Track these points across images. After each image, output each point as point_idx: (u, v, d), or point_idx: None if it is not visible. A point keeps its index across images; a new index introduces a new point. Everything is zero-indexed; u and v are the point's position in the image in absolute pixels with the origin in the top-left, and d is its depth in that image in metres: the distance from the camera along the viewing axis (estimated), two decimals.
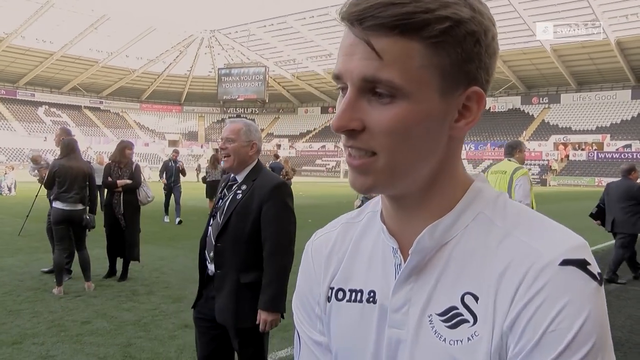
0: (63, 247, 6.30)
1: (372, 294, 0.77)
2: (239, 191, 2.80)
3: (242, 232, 2.72)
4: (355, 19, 0.64)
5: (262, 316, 2.72)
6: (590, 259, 0.64)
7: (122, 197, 7.08)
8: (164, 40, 73.44)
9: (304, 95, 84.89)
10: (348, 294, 0.80)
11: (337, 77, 0.68)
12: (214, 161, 13.85)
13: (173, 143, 79.23)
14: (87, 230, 6.60)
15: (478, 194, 0.73)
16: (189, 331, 4.96)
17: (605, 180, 48.02)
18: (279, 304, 2.76)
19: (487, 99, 0.70)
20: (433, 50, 0.63)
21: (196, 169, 38.49)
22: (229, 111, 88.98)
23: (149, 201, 7.61)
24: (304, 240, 3.55)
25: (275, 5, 75.29)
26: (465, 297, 0.68)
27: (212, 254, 2.79)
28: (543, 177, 52.14)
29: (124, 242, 7.03)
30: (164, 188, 13.78)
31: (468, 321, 0.67)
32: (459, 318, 0.68)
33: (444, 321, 0.69)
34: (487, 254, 0.68)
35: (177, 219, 13.46)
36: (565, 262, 0.62)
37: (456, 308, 0.68)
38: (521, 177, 5.68)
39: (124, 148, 7.34)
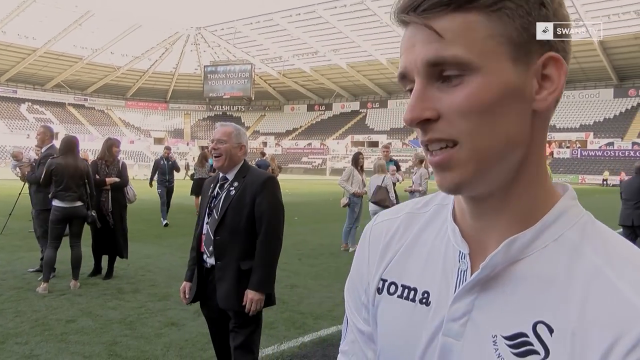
0: (56, 245, 6.27)
1: (425, 295, 0.73)
2: (231, 188, 3.07)
3: (239, 225, 3.00)
4: (410, 8, 0.62)
5: (249, 295, 2.97)
6: None
7: (110, 195, 7.05)
8: (149, 37, 72.96)
9: (290, 93, 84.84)
10: (400, 289, 0.76)
11: (403, 76, 0.66)
12: (202, 159, 13.76)
13: (159, 141, 78.79)
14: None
15: (565, 212, 0.67)
16: (175, 329, 4.93)
17: (589, 178, 48.77)
18: (265, 285, 3.03)
19: None
20: (495, 19, 0.60)
21: (185, 167, 38.32)
22: (215, 109, 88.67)
23: (136, 199, 7.60)
24: (290, 237, 3.52)
25: (262, 3, 75.09)
26: (538, 326, 0.62)
27: (211, 247, 3.04)
28: None
29: (110, 240, 6.98)
30: (157, 188, 12.81)
31: (538, 353, 0.61)
32: (528, 347, 0.62)
33: (510, 347, 0.63)
34: (569, 285, 0.62)
35: (164, 221, 12.63)
36: None
37: (526, 335, 0.62)
38: None
39: (112, 146, 7.29)
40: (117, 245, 7.01)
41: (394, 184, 9.56)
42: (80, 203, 6.36)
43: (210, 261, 3.06)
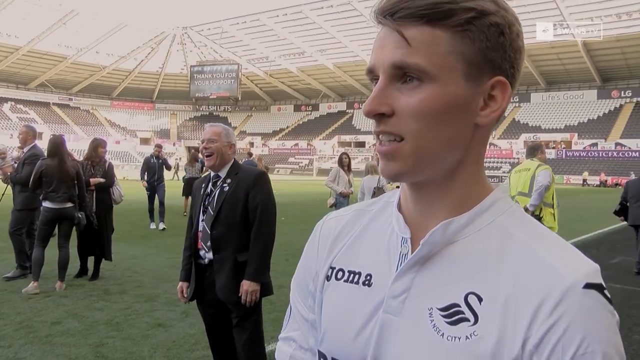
0: (44, 245, 6.24)
1: (368, 277, 0.79)
2: (224, 185, 3.19)
3: (234, 219, 3.12)
4: (388, 12, 0.69)
5: (244, 286, 3.07)
6: (604, 285, 0.66)
7: (94, 196, 7.00)
8: (135, 37, 72.44)
9: (277, 93, 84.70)
10: (347, 274, 0.82)
11: (370, 71, 0.73)
12: (192, 159, 13.69)
13: (145, 141, 78.26)
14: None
15: (496, 202, 0.75)
16: (162, 330, 4.90)
17: (574, 178, 49.22)
18: (259, 275, 3.12)
19: None
20: (458, 38, 0.68)
21: (175, 167, 38.03)
22: (201, 109, 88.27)
23: (122, 200, 7.54)
24: (277, 237, 3.51)
25: (249, 3, 74.89)
26: (469, 296, 0.69)
27: (209, 242, 3.14)
28: None
29: (95, 241, 6.92)
30: (146, 188, 12.03)
31: (468, 320, 0.68)
32: (459, 316, 0.69)
33: (444, 317, 0.70)
34: (501, 259, 0.70)
35: (161, 225, 11.89)
36: (588, 286, 0.64)
37: (458, 306, 0.70)
38: (543, 170, 6.28)
39: (97, 146, 7.23)
40: (101, 246, 6.96)
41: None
42: (71, 204, 6.33)
43: (209, 256, 3.16)
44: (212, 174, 3.26)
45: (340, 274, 0.83)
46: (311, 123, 79.12)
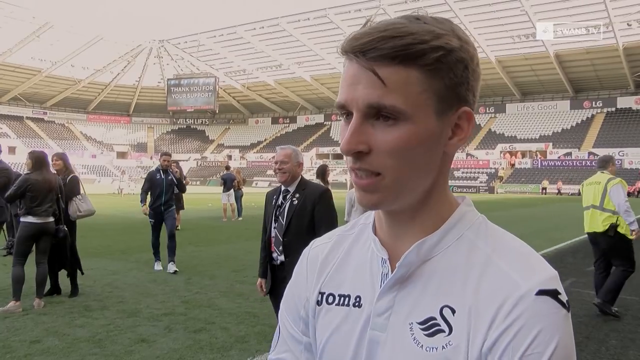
0: (23, 262, 6.12)
1: (358, 299, 0.84)
2: (294, 199, 3.77)
3: (302, 228, 3.68)
4: (359, 50, 0.71)
5: None
6: (561, 288, 0.71)
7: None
8: (111, 50, 71.85)
9: (254, 106, 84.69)
10: (338, 298, 0.86)
11: (342, 106, 0.75)
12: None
13: (121, 155, 77.46)
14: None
15: (463, 216, 0.80)
16: (146, 346, 4.85)
17: (550, 188, 50.12)
18: None
19: None
20: (430, 76, 0.71)
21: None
22: (178, 122, 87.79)
23: (81, 215, 7.10)
24: (257, 251, 3.50)
25: (225, 16, 74.95)
26: (444, 309, 0.74)
27: (280, 247, 3.74)
28: (491, 184, 53.68)
29: (65, 255, 6.74)
30: (149, 216, 8.75)
31: (444, 331, 0.74)
32: (436, 328, 0.74)
33: (423, 329, 0.75)
34: (467, 273, 0.75)
35: (172, 267, 8.39)
36: (541, 292, 0.69)
37: (434, 319, 0.75)
38: (615, 185, 6.17)
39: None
40: (73, 260, 6.79)
41: None
42: (52, 218, 6.28)
43: (280, 258, 3.75)
44: (283, 188, 3.85)
45: (330, 298, 0.87)
46: (289, 135, 79.18)
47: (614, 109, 60.61)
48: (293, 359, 0.93)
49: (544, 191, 49.63)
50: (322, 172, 9.81)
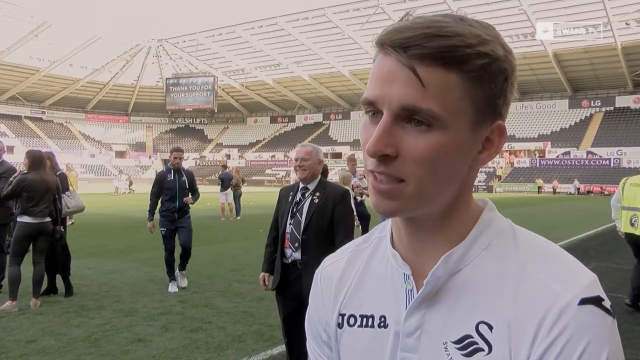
0: (19, 262, 6.12)
1: (383, 319, 0.79)
2: (314, 197, 3.77)
3: (322, 227, 3.69)
4: (400, 45, 0.66)
5: None
6: (602, 294, 0.67)
7: None
8: (109, 49, 71.76)
9: (253, 105, 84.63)
10: (359, 319, 0.82)
11: (370, 103, 0.69)
12: None
13: (120, 154, 77.37)
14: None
15: (489, 223, 0.76)
16: (142, 345, 4.84)
17: (547, 187, 50.11)
18: None
19: None
20: (470, 84, 0.66)
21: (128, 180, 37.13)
22: (177, 121, 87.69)
23: (70, 212, 7.16)
24: (256, 250, 3.56)
25: (224, 15, 74.92)
26: (480, 326, 0.70)
27: (296, 244, 3.70)
28: (489, 183, 53.69)
29: (58, 257, 6.74)
30: (160, 225, 7.17)
31: (483, 350, 0.69)
32: (474, 347, 0.70)
33: (459, 349, 0.71)
34: (501, 285, 0.70)
35: (183, 280, 7.39)
36: (584, 301, 0.65)
37: (471, 337, 0.70)
38: None
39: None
40: (63, 261, 6.79)
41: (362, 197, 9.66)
42: (49, 219, 6.27)
43: (296, 255, 3.70)
44: (301, 185, 3.84)
45: (352, 320, 0.83)
46: (288, 135, 79.15)
47: (612, 108, 60.62)
48: None
49: (539, 190, 49.63)
50: (322, 172, 9.80)
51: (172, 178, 7.20)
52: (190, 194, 7.39)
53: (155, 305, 6.28)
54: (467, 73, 0.66)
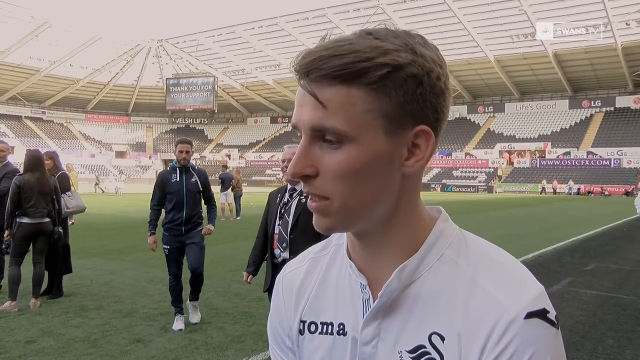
0: (19, 262, 6.12)
1: (341, 327, 0.81)
2: (302, 197, 3.77)
3: (309, 226, 3.57)
4: (303, 71, 0.69)
5: None
6: (549, 306, 0.70)
7: None
8: (109, 49, 71.76)
9: (253, 105, 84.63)
10: (320, 326, 0.84)
11: (295, 126, 0.73)
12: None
13: (120, 154, 77.37)
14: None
15: (441, 234, 0.77)
16: (142, 346, 4.84)
17: (548, 187, 50.06)
18: None
19: None
20: (374, 95, 0.67)
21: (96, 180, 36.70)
22: (177, 121, 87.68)
23: (70, 212, 7.20)
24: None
25: (224, 15, 74.91)
26: (432, 336, 0.72)
27: (284, 244, 3.76)
28: (489, 184, 53.68)
29: (60, 257, 6.76)
30: (163, 242, 5.48)
31: (435, 359, 0.72)
32: (427, 356, 0.72)
33: (413, 358, 0.73)
34: (453, 297, 0.72)
35: (195, 315, 5.61)
36: (529, 315, 0.68)
37: (424, 347, 0.73)
38: None
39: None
40: (64, 260, 6.79)
41: None
42: (48, 219, 6.25)
43: (283, 255, 3.76)
44: (289, 186, 3.87)
45: (313, 327, 0.85)
46: (288, 135, 79.08)
47: (612, 109, 60.59)
48: None
49: (543, 191, 49.48)
50: None
51: (178, 179, 5.49)
52: (204, 200, 5.73)
53: (154, 305, 6.27)
54: (367, 86, 0.67)
